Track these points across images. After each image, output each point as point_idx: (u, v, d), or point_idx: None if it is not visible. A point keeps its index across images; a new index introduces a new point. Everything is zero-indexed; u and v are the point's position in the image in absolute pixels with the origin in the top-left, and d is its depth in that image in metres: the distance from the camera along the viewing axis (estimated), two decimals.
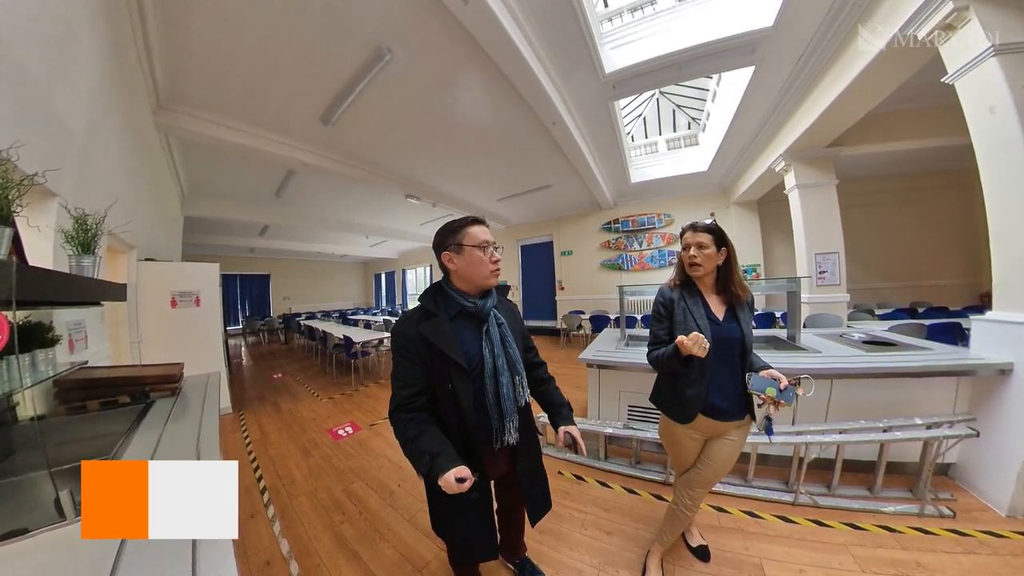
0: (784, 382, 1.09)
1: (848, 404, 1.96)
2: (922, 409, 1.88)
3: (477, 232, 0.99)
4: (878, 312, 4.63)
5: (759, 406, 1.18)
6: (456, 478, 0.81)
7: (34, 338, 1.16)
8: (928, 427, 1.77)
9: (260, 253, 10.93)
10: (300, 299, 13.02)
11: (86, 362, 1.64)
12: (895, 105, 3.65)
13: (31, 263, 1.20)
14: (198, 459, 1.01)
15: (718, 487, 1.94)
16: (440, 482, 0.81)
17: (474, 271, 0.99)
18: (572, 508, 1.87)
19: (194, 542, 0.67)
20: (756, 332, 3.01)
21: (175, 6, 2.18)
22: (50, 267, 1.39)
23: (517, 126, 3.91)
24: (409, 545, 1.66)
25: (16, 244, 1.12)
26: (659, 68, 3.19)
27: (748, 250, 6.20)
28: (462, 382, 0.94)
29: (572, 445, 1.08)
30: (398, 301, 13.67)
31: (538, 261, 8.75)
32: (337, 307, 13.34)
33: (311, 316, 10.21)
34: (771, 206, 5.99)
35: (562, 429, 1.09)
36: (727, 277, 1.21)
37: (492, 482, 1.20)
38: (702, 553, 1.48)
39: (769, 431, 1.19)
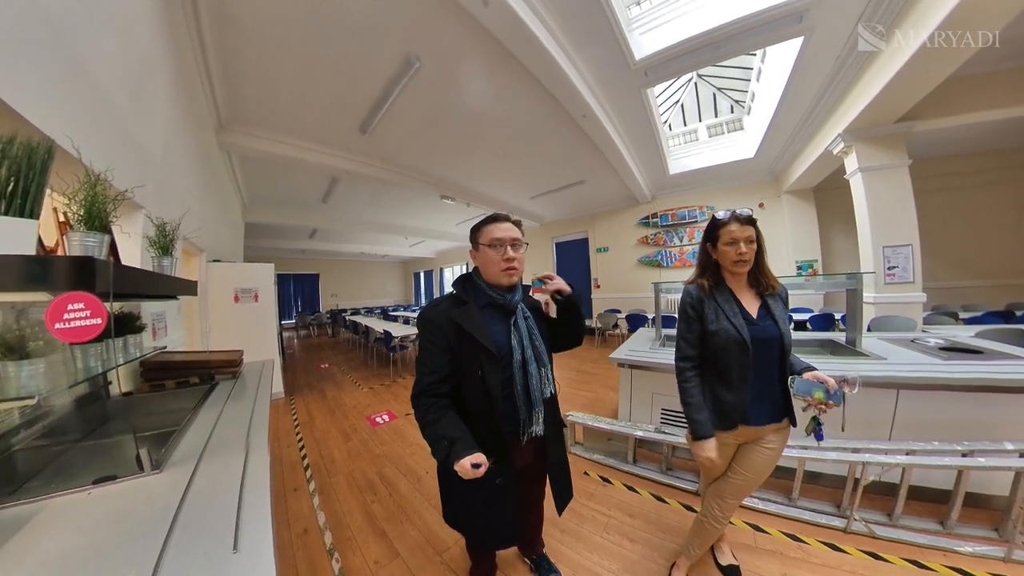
0: (831, 384, 1.01)
1: (919, 420, 1.71)
2: (1015, 433, 1.57)
3: (490, 230, 0.99)
4: (963, 315, 4.02)
5: (804, 409, 1.09)
6: (472, 464, 0.82)
7: (127, 325, 1.39)
8: (1022, 455, 1.48)
9: (310, 255, 11.88)
10: (346, 296, 13.99)
11: (165, 347, 1.92)
12: (984, 66, 3.07)
13: (124, 263, 1.43)
14: (248, 436, 1.14)
15: (757, 503, 1.79)
16: (456, 467, 0.83)
17: (487, 269, 1.01)
18: (595, 510, 1.83)
19: (239, 507, 0.77)
20: (812, 336, 2.78)
21: (230, 38, 2.46)
22: (138, 266, 1.64)
23: (547, 122, 3.88)
24: (433, 530, 1.74)
25: (112, 248, 1.35)
26: (695, 49, 3.00)
27: (804, 244, 5.64)
28: (492, 369, 0.95)
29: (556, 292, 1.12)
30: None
31: (573, 259, 8.61)
32: (379, 304, 14.15)
33: (355, 312, 10.96)
34: (830, 194, 5.41)
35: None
36: (759, 268, 1.13)
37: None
38: (732, 573, 1.37)
39: (819, 435, 1.11)
